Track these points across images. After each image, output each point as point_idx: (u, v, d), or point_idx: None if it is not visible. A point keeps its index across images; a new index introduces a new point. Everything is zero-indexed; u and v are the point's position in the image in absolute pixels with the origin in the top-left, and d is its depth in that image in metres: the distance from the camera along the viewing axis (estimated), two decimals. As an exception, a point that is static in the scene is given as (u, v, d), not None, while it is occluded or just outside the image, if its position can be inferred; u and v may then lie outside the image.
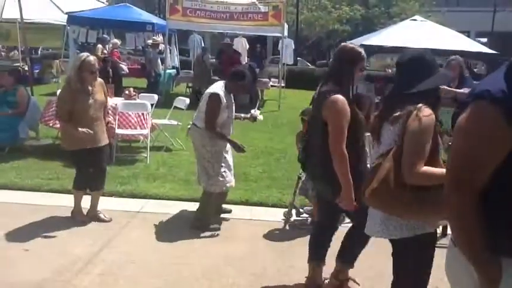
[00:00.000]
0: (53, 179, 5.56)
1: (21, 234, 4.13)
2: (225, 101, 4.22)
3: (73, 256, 3.78)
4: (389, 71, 20.09)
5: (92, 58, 4.30)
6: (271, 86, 13.75)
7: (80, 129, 4.16)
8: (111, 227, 4.39)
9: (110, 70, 10.49)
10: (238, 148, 4.51)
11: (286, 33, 13.69)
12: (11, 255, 3.76)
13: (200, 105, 4.33)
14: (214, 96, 4.19)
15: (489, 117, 1.44)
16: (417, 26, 12.85)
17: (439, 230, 4.48)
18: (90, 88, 4.31)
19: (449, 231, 4.20)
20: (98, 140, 4.41)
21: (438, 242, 4.28)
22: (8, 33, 15.16)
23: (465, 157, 1.50)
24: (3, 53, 17.78)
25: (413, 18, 14.01)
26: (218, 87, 4.31)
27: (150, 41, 13.11)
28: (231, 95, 4.42)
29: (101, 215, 4.55)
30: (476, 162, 1.48)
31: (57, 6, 9.50)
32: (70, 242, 4.05)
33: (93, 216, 4.53)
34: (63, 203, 4.91)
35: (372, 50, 12.53)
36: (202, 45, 18.06)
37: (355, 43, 14.23)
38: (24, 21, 8.28)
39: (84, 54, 4.38)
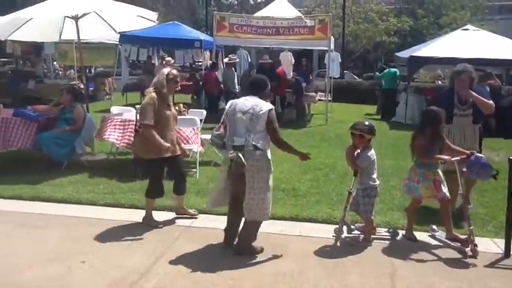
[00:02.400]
0: (107, 194, 5.73)
1: (78, 246, 4.27)
2: None
3: (127, 268, 3.86)
4: (440, 82, 19.53)
5: (175, 71, 4.79)
6: (318, 99, 13.68)
7: (164, 143, 4.50)
8: (163, 240, 4.45)
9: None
10: (304, 156, 4.49)
11: (332, 47, 13.61)
12: (69, 266, 3.88)
13: (252, 125, 4.02)
14: (274, 110, 4.14)
15: None
16: (470, 36, 12.47)
17: (501, 250, 4.27)
18: (170, 99, 4.74)
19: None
20: (176, 149, 4.80)
21: (500, 263, 4.10)
22: (65, 53, 16.02)
23: None
24: (60, 72, 18.72)
25: (465, 27, 13.60)
26: (264, 102, 4.15)
27: (226, 59, 12.73)
28: None
29: (190, 210, 5.07)
30: None
31: (111, 26, 9.87)
32: (124, 255, 4.14)
33: (182, 213, 5.03)
34: (117, 216, 5.07)
35: (421, 61, 12.26)
36: (249, 60, 18.26)
37: (404, 55, 14.00)
38: (81, 41, 8.66)
39: (168, 68, 4.86)
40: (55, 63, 18.38)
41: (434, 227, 4.75)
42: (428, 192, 4.49)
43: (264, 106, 4.08)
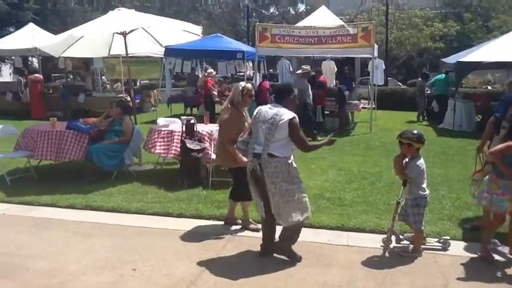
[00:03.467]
0: (155, 203, 5.87)
1: (128, 255, 4.39)
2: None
3: (176, 277, 3.94)
4: (490, 87, 18.85)
5: (250, 85, 4.90)
6: (362, 107, 13.49)
7: (243, 158, 4.50)
8: (211, 249, 4.51)
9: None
10: (331, 142, 4.44)
11: (376, 54, 13.42)
12: (121, 274, 4.00)
13: (271, 134, 4.06)
14: (295, 119, 4.10)
15: None
16: (522, 39, 11.95)
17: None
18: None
19: None
20: None
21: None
22: (113, 67, 16.63)
23: None
24: (108, 86, 19.40)
25: (516, 30, 13.07)
26: (286, 111, 4.11)
27: (299, 71, 12.18)
28: None
29: (252, 224, 5.04)
30: None
31: (157, 41, 10.22)
32: (173, 263, 4.22)
33: (246, 222, 5.04)
34: (165, 225, 5.18)
35: (469, 66, 11.87)
36: (291, 69, 18.31)
37: (451, 60, 13.58)
38: (128, 55, 8.99)
39: (243, 83, 4.98)
40: (103, 77, 19.08)
41: (496, 241, 4.53)
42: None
43: (285, 115, 4.07)
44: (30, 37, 15.72)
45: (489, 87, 18.45)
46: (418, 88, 15.10)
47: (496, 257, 4.34)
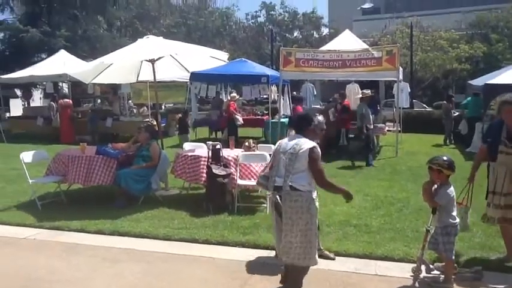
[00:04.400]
0: (182, 229, 5.90)
1: (157, 281, 4.42)
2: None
3: (203, 306, 3.93)
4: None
5: (322, 117, 4.52)
6: (387, 130, 13.38)
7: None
8: (237, 277, 4.49)
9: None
10: (349, 195, 4.10)
11: (401, 77, 13.36)
12: (148, 302, 4.02)
13: (291, 165, 3.86)
14: (316, 149, 3.89)
15: None
16: (551, 60, 11.75)
17: None
18: None
19: None
20: None
21: None
22: (139, 92, 17.02)
23: None
24: (135, 110, 19.81)
25: (545, 52, 12.85)
26: (306, 140, 3.93)
27: (359, 95, 12.00)
28: None
29: (326, 252, 4.94)
30: None
31: (184, 67, 10.43)
32: (200, 291, 4.23)
33: (321, 254, 4.78)
34: (192, 252, 5.20)
35: (497, 88, 11.67)
36: (315, 93, 18.34)
37: (478, 82, 13.39)
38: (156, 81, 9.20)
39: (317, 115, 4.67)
40: (130, 101, 19.53)
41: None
42: None
43: (305, 144, 3.87)
44: (61, 63, 16.27)
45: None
46: (444, 111, 14.92)
47: None
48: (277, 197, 3.89)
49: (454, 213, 4.36)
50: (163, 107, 23.00)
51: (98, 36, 26.51)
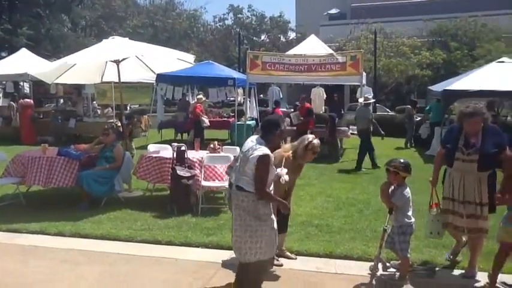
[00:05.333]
0: (144, 230, 5.88)
1: (117, 283, 4.40)
2: (273, 159, 3.97)
3: (164, 306, 3.94)
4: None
5: (317, 141, 4.68)
6: (351, 134, 13.66)
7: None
8: (200, 278, 4.52)
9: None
10: (286, 208, 4.12)
11: (364, 81, 13.68)
12: (109, 304, 4.00)
13: (242, 166, 3.87)
14: (266, 158, 3.79)
15: None
16: (505, 68, 12.28)
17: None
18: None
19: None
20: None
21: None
22: (104, 92, 16.73)
23: None
24: (99, 111, 19.48)
25: (500, 60, 13.42)
26: (262, 147, 3.85)
27: (361, 100, 11.83)
28: None
29: (288, 253, 5.01)
30: None
31: (150, 68, 10.36)
32: (161, 292, 4.23)
33: (282, 254, 4.95)
34: (154, 253, 5.19)
35: (455, 94, 12.14)
36: (281, 96, 18.55)
37: (437, 88, 13.79)
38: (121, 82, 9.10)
39: (311, 136, 4.76)
40: (94, 102, 19.17)
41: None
42: (508, 237, 4.25)
43: (258, 151, 3.80)
44: (22, 62, 15.82)
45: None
46: (406, 115, 15.36)
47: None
48: (228, 192, 3.98)
49: (410, 213, 4.53)
50: (128, 108, 22.72)
51: (61, 35, 25.98)
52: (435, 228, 4.73)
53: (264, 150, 3.82)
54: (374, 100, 12.24)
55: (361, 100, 11.80)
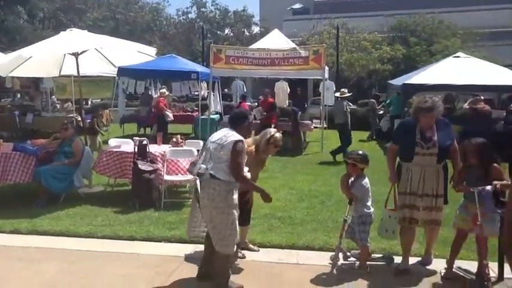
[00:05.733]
0: (105, 226, 5.77)
1: (76, 280, 4.30)
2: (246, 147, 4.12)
3: (125, 301, 3.89)
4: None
5: (279, 134, 4.71)
6: (314, 127, 13.83)
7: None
8: (161, 272, 4.48)
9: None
10: (267, 196, 4.17)
11: (327, 76, 13.85)
12: (68, 301, 3.91)
13: (215, 154, 3.95)
14: (241, 143, 3.95)
15: None
16: (461, 63, 12.73)
17: (495, 274, 4.32)
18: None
19: (506, 275, 4.03)
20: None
21: (495, 286, 4.14)
22: (63, 86, 16.27)
23: None
24: (58, 105, 18.93)
25: (456, 55, 13.89)
26: (235, 133, 4.02)
27: (338, 94, 12.08)
28: None
29: (250, 245, 4.99)
30: None
31: (110, 61, 10.12)
32: (124, 287, 4.17)
33: (244, 247, 4.94)
34: (115, 249, 5.11)
35: (414, 88, 12.48)
36: (245, 90, 18.54)
37: (397, 82, 14.14)
38: (80, 75, 8.86)
39: (273, 130, 4.79)
40: (53, 96, 18.62)
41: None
42: (464, 225, 4.37)
43: (232, 137, 3.95)
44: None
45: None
46: (370, 109, 15.67)
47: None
48: (198, 183, 3.99)
49: (369, 203, 4.65)
50: (89, 102, 22.18)
51: (17, 27, 25.06)
52: (391, 227, 4.61)
53: (237, 136, 3.98)
54: (351, 94, 12.45)
55: (337, 94, 12.03)
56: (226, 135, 4.02)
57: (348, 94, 11.96)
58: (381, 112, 15.73)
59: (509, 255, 3.12)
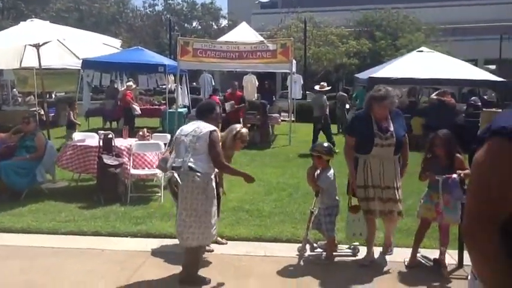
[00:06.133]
0: (69, 221, 5.64)
1: (39, 277, 4.19)
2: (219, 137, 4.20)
3: (90, 298, 3.82)
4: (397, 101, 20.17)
5: (246, 130, 4.72)
6: (282, 120, 13.90)
7: None
8: (127, 268, 4.42)
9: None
10: (250, 178, 4.34)
11: (294, 69, 13.93)
12: (30, 299, 3.81)
13: (192, 146, 3.98)
14: (216, 133, 4.06)
15: (506, 153, 1.49)
16: (424, 57, 13.04)
17: (455, 261, 4.46)
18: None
19: (465, 262, 4.17)
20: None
21: (454, 273, 4.29)
22: (25, 79, 15.75)
23: (486, 193, 1.53)
24: (20, 99, 18.33)
25: (420, 49, 14.22)
26: (207, 125, 4.10)
27: (317, 87, 12.00)
28: None
29: (218, 239, 4.87)
30: (498, 198, 1.51)
31: (73, 53, 9.87)
32: (88, 284, 4.10)
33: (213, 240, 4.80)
34: (79, 245, 5.00)
35: (379, 81, 12.71)
36: (213, 83, 18.43)
37: (363, 76, 14.41)
38: (42, 67, 8.61)
39: (239, 126, 4.79)
40: (14, 90, 18.02)
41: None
42: (428, 214, 4.46)
43: (206, 128, 4.04)
44: None
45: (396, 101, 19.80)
46: (339, 102, 15.86)
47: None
48: (175, 175, 3.96)
49: (335, 195, 4.71)
50: (53, 95, 21.58)
51: (-25, 17, 23.97)
52: (358, 229, 4.55)
53: (210, 126, 4.06)
54: (329, 88, 12.58)
55: (316, 87, 12.15)
56: (199, 126, 4.08)
57: (327, 88, 12.10)
58: (347, 106, 15.96)
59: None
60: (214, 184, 4.09)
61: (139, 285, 4.08)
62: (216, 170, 4.19)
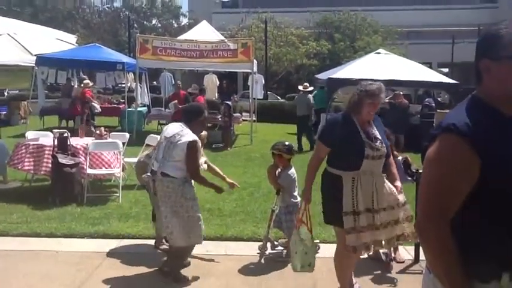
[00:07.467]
0: (21, 223, 5.41)
1: (-12, 282, 4.00)
2: (200, 145, 4.16)
3: (44, 302, 3.67)
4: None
5: (204, 133, 4.72)
6: (243, 120, 13.91)
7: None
8: (83, 269, 4.29)
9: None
10: (220, 190, 4.46)
11: (255, 69, 13.96)
12: (-22, 304, 3.62)
13: (167, 152, 3.93)
14: (195, 143, 3.94)
15: (456, 149, 1.54)
16: (382, 59, 13.37)
17: (412, 256, 4.58)
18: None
19: (421, 257, 4.29)
20: None
21: (410, 269, 4.40)
22: (-26, 76, 15.05)
23: (438, 187, 1.58)
24: (-32, 96, 17.52)
25: (377, 51, 14.56)
26: (188, 132, 3.99)
27: (301, 87, 12.39)
28: None
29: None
30: (449, 192, 1.57)
31: (26, 49, 9.51)
32: (42, 286, 3.93)
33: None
34: (32, 247, 4.81)
35: (338, 82, 12.94)
36: (173, 82, 18.21)
37: (323, 76, 14.65)
38: (-8, 63, 8.25)
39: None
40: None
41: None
42: None
43: (185, 137, 3.91)
44: None
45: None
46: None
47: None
48: (152, 180, 4.00)
49: (296, 193, 4.74)
50: (5, 93, 20.72)
51: None
52: (306, 261, 3.78)
53: (191, 135, 3.95)
54: (312, 88, 12.79)
55: (300, 87, 12.27)
56: (180, 133, 3.97)
57: (310, 88, 12.32)
58: None
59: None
60: (192, 183, 4.09)
61: (97, 286, 3.96)
62: None
